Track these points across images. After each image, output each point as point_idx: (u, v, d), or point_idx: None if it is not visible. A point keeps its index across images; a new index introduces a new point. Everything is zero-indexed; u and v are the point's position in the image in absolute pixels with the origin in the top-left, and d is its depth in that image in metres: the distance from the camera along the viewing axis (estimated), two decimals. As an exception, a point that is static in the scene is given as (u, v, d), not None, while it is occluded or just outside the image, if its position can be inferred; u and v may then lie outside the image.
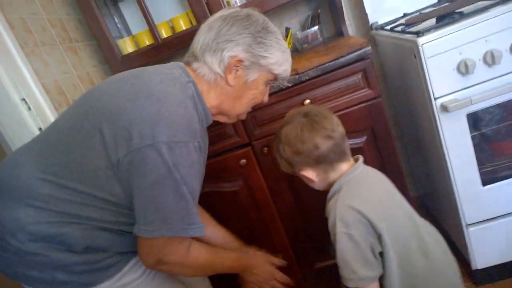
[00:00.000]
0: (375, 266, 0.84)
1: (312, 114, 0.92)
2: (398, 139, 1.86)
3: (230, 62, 0.87)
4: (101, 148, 0.76)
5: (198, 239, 0.92)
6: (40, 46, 1.35)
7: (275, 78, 0.96)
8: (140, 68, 0.89)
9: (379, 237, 0.84)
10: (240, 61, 0.87)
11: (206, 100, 0.90)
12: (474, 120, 1.17)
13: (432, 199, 1.62)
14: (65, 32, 1.54)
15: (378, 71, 1.75)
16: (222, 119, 1.01)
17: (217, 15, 0.91)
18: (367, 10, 1.57)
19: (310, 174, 0.93)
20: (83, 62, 1.58)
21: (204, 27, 0.91)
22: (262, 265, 1.11)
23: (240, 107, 0.96)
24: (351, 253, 0.83)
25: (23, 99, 1.22)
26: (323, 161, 0.90)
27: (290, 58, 0.97)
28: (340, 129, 0.92)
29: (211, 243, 1.12)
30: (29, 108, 1.22)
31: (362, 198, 0.87)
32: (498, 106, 1.13)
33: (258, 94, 0.96)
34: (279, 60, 0.92)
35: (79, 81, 1.51)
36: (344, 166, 0.93)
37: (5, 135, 1.23)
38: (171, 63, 0.93)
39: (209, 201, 1.46)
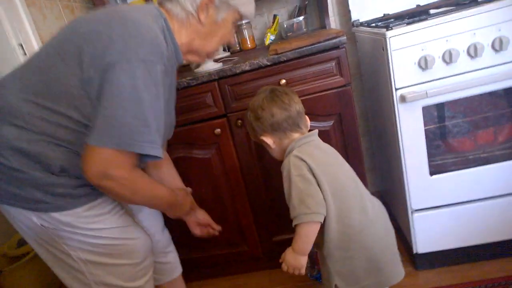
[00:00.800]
0: (324, 204, 0.96)
1: (276, 90, 1.08)
2: (366, 135, 1.98)
3: (202, 1, 0.95)
4: (77, 67, 0.83)
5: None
6: (41, -1, 1.42)
7: (241, 18, 1.06)
8: (110, 6, 0.97)
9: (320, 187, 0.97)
10: (211, 0, 0.96)
11: (177, 38, 0.98)
12: (430, 114, 1.29)
13: (389, 193, 1.74)
14: (65, -10, 1.60)
15: (355, 69, 1.87)
16: (192, 58, 1.08)
17: None
18: (351, 8, 1.68)
19: (268, 139, 1.08)
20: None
21: None
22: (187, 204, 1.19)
23: (210, 45, 1.05)
24: (305, 191, 0.96)
25: (20, 45, 1.28)
26: (278, 128, 1.05)
27: (253, 1, 1.08)
28: (297, 106, 1.06)
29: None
30: (25, 54, 1.29)
31: (310, 154, 1.01)
32: (452, 103, 1.26)
33: (227, 33, 1.05)
34: (245, 1, 1.03)
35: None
36: (296, 135, 1.07)
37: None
38: (146, 4, 1.01)
39: (182, 166, 1.54)
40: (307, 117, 1.11)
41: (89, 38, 0.83)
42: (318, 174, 0.97)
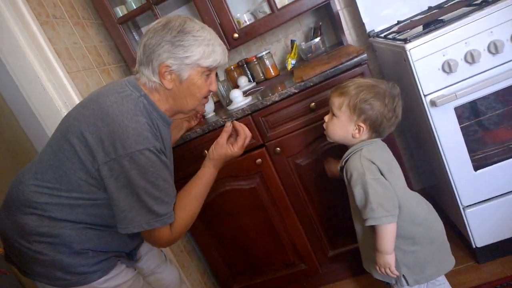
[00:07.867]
0: (397, 205, 1.05)
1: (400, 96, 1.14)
2: (400, 135, 2.00)
3: (160, 69, 0.99)
4: (81, 164, 0.95)
5: None
6: (52, 18, 1.55)
7: (208, 69, 1.05)
8: (97, 92, 1.05)
9: None
10: (168, 66, 0.99)
11: (160, 106, 1.05)
12: (463, 112, 1.31)
13: (435, 189, 1.75)
14: (73, 9, 1.73)
15: (378, 74, 1.91)
16: (180, 116, 1.16)
17: (146, 31, 1.03)
18: (364, 20, 1.73)
19: (360, 124, 1.10)
20: (90, 37, 1.77)
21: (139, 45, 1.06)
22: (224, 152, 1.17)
23: (188, 104, 1.08)
24: (383, 194, 1.04)
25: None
26: (378, 123, 1.09)
27: (218, 48, 1.04)
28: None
29: None
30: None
31: (377, 155, 1.10)
32: (483, 99, 1.28)
33: (199, 88, 1.05)
34: (204, 54, 1.01)
35: (87, 51, 1.70)
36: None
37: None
38: (125, 80, 1.06)
39: (230, 198, 1.64)
40: None
41: (81, 138, 0.94)
42: (386, 175, 1.06)
